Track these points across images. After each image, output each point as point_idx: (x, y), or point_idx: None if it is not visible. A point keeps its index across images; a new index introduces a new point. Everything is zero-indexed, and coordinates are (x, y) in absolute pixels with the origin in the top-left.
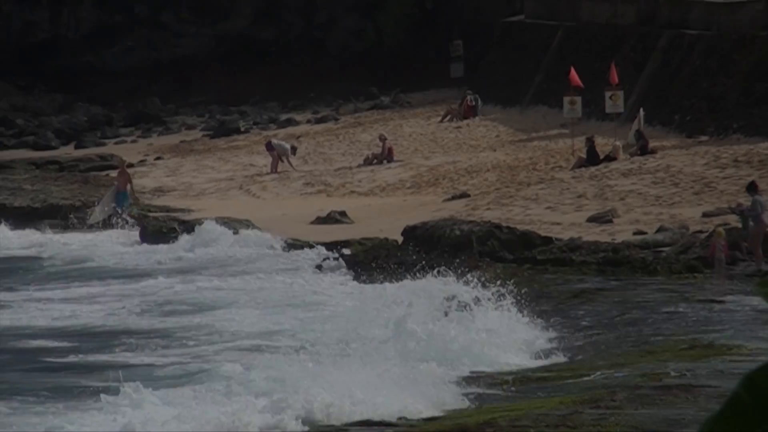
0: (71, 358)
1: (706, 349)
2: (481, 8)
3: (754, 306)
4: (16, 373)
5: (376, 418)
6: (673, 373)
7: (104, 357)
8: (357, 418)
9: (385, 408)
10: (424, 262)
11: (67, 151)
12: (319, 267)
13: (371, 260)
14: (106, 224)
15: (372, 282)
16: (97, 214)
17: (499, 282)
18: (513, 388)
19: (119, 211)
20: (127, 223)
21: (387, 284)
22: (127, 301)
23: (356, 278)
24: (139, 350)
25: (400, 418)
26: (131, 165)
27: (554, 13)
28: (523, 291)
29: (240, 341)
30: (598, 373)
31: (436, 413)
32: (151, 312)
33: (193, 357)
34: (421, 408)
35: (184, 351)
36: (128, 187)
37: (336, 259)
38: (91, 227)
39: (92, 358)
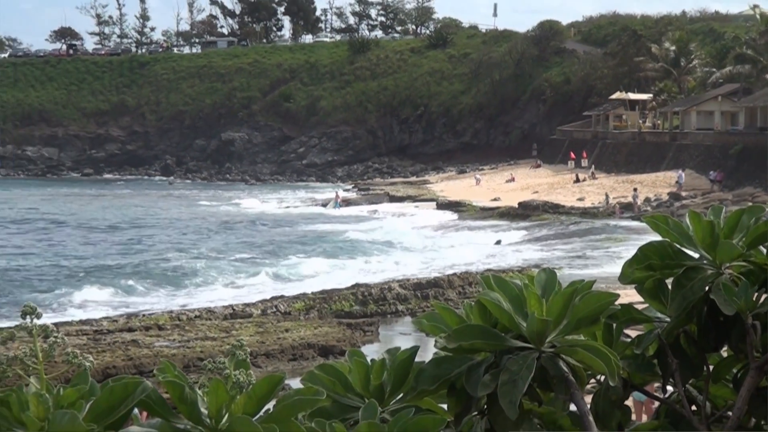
0: None
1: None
2: (542, 134)
3: (632, 227)
4: None
5: None
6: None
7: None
8: None
9: None
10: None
11: (412, 179)
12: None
13: (507, 213)
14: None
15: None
16: (329, 206)
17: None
18: None
19: (334, 207)
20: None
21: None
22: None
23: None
24: None
25: None
26: (428, 182)
27: (563, 135)
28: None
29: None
30: None
31: None
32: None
33: None
34: None
35: None
36: (338, 200)
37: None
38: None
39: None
